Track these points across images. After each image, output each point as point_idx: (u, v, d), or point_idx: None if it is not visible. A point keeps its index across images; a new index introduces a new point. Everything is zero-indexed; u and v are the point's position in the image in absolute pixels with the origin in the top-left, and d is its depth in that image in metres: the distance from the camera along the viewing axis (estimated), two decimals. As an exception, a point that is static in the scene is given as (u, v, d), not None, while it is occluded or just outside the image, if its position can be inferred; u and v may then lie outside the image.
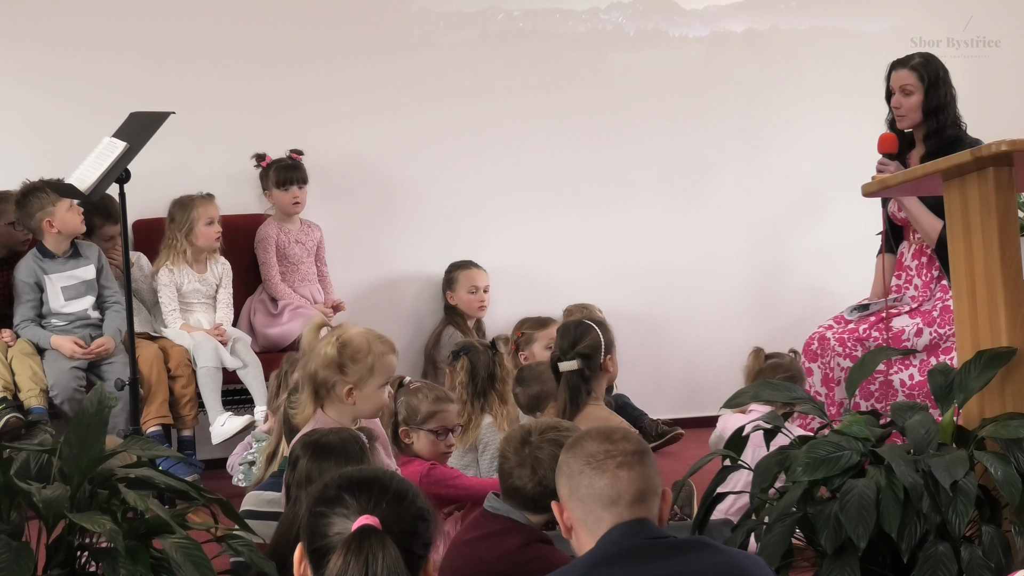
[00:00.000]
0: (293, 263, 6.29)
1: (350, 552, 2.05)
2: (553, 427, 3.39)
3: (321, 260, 6.41)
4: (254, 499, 3.76)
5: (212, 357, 5.77)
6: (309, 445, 3.26)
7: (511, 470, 3.33)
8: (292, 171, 6.24)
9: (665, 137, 6.93)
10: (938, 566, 3.22)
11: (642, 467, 2.57)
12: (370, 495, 2.15)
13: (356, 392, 3.77)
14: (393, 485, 2.18)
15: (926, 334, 5.12)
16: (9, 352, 5.59)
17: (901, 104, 5.24)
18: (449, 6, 6.71)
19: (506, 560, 3.24)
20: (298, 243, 6.30)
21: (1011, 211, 3.66)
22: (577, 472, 2.58)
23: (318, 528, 2.14)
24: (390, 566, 2.05)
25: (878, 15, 7.18)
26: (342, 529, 2.11)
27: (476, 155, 6.71)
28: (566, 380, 4.44)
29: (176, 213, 5.97)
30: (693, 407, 6.66)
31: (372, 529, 2.08)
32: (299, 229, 6.33)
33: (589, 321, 4.59)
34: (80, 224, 5.66)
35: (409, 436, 4.19)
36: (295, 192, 6.23)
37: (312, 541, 2.15)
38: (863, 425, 3.52)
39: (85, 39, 6.21)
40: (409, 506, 2.16)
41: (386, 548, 2.06)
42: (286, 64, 6.45)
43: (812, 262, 7.09)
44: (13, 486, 2.75)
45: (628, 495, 2.54)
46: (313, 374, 3.77)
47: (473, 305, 6.48)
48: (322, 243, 6.41)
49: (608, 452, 2.57)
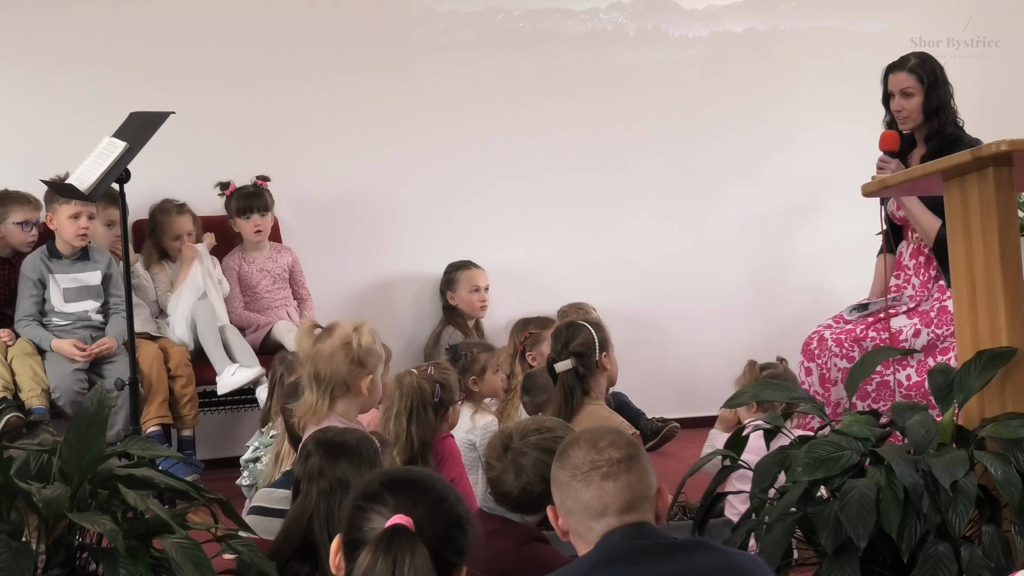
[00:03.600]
0: (257, 293, 6.19)
1: (379, 549, 2.07)
2: (535, 429, 3.38)
3: (297, 283, 6.32)
4: (265, 496, 3.75)
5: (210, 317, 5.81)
6: (323, 442, 3.26)
7: (496, 477, 3.34)
8: (252, 199, 6.13)
9: (665, 137, 6.94)
10: (938, 566, 3.22)
11: (628, 475, 2.54)
12: (409, 495, 2.16)
13: (371, 383, 3.83)
14: (434, 489, 2.19)
15: (924, 335, 5.12)
16: (9, 352, 5.59)
17: (903, 107, 5.22)
18: (449, 6, 6.71)
19: (504, 559, 3.24)
20: (263, 271, 6.20)
21: (1011, 211, 3.66)
22: (565, 484, 2.57)
23: (356, 521, 2.17)
24: (418, 568, 2.05)
25: (878, 15, 7.18)
26: (377, 525, 2.12)
27: (476, 155, 6.71)
28: (562, 380, 4.48)
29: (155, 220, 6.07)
30: (692, 407, 6.66)
31: (404, 529, 2.09)
32: (266, 256, 6.22)
33: (582, 321, 4.64)
34: (75, 238, 5.65)
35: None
36: (256, 220, 6.12)
37: (349, 532, 2.17)
38: (863, 425, 3.52)
39: (85, 39, 6.21)
40: (448, 511, 2.17)
41: (416, 550, 2.06)
42: (286, 63, 6.45)
43: (812, 262, 7.09)
44: (13, 486, 2.75)
45: (615, 506, 2.52)
46: (332, 374, 3.78)
47: (475, 305, 6.48)
48: (296, 266, 6.31)
49: (593, 463, 2.54)
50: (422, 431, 4.22)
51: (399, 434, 4.18)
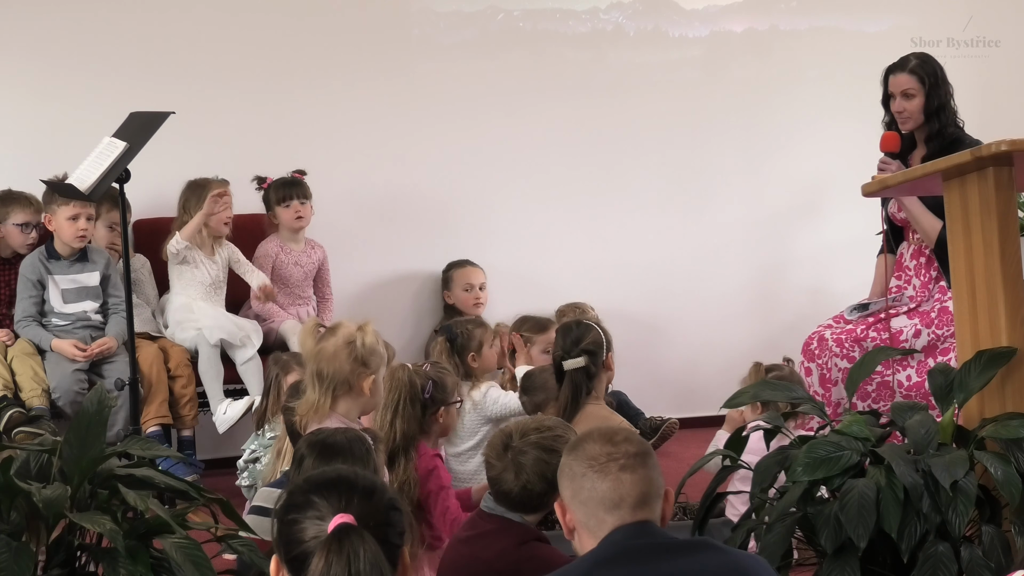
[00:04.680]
0: (287, 284, 6.19)
1: (331, 552, 2.05)
2: (535, 428, 3.39)
3: (323, 281, 6.34)
4: (265, 495, 3.75)
5: (211, 352, 5.77)
6: (315, 444, 3.26)
7: (496, 476, 3.34)
8: (292, 187, 6.15)
9: (665, 137, 6.93)
10: (938, 566, 3.22)
11: (645, 469, 2.56)
12: (340, 494, 2.14)
13: (374, 384, 3.82)
14: (360, 481, 2.18)
15: (924, 335, 5.11)
16: (9, 352, 5.59)
17: (904, 108, 5.22)
18: (449, 6, 6.71)
19: (504, 559, 3.24)
20: (296, 265, 6.21)
21: (1011, 211, 3.66)
22: (579, 475, 2.56)
23: (292, 536, 2.13)
24: (371, 560, 2.05)
25: (878, 15, 7.18)
26: (318, 532, 2.10)
27: (475, 154, 6.71)
28: (570, 378, 4.44)
29: (190, 196, 5.94)
30: (692, 407, 6.65)
31: (349, 527, 2.08)
32: (301, 249, 6.25)
33: (588, 321, 4.63)
34: (74, 239, 5.64)
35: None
36: (296, 207, 6.14)
37: (289, 550, 2.13)
38: (863, 425, 3.52)
39: (85, 39, 6.21)
40: (380, 498, 2.16)
41: (366, 543, 2.06)
42: (286, 63, 6.45)
43: (812, 262, 7.09)
44: (13, 486, 2.75)
45: (631, 498, 2.52)
46: (335, 373, 3.78)
47: (468, 303, 6.47)
48: (325, 264, 6.32)
49: (611, 455, 2.55)
50: (406, 425, 4.15)
51: (383, 427, 4.11)
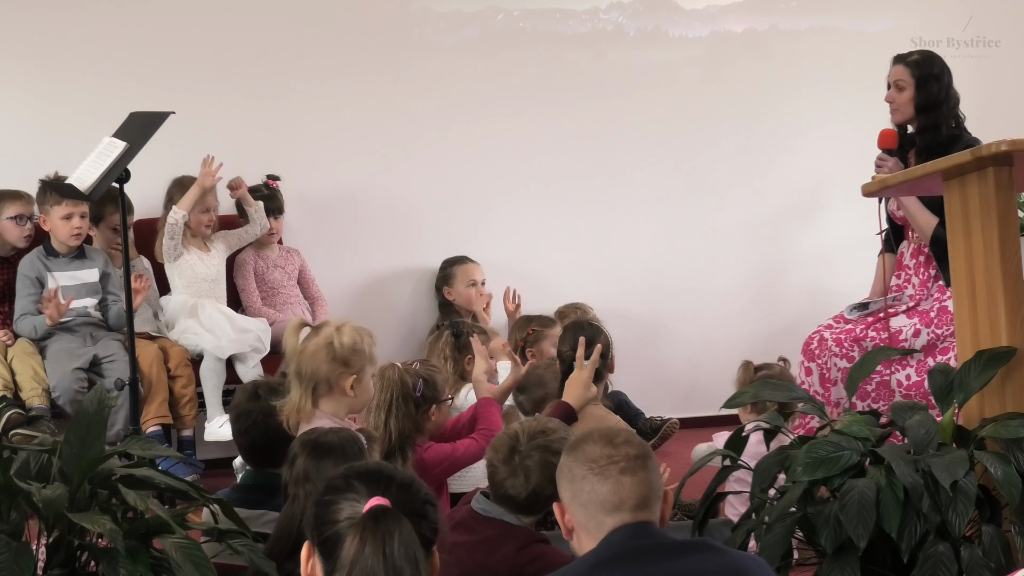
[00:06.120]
0: (274, 287, 6.23)
1: (366, 531, 2.04)
2: (540, 431, 3.38)
3: (308, 283, 6.37)
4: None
5: (215, 364, 5.77)
6: (308, 444, 3.26)
7: (502, 480, 3.33)
8: (266, 203, 6.18)
9: (665, 137, 6.93)
10: (938, 566, 3.21)
11: (645, 472, 2.55)
12: (378, 482, 2.15)
13: (357, 384, 3.79)
14: (398, 473, 2.20)
15: (924, 335, 5.12)
16: (9, 352, 5.59)
17: (893, 99, 5.29)
18: (449, 6, 6.71)
19: (506, 564, 3.24)
20: (276, 267, 6.26)
21: (1011, 211, 3.65)
22: (579, 477, 2.56)
23: (326, 516, 2.13)
24: (406, 544, 2.03)
25: (878, 15, 7.18)
26: (352, 513, 2.10)
27: (475, 154, 6.71)
28: None
29: (176, 192, 5.96)
30: (692, 407, 6.65)
31: (386, 508, 2.08)
32: (278, 255, 6.29)
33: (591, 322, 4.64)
34: (70, 238, 5.65)
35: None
36: (270, 224, 6.19)
37: (321, 531, 2.13)
38: (863, 425, 3.52)
39: (85, 39, 6.21)
40: (417, 490, 2.17)
41: (401, 526, 2.05)
42: (286, 63, 6.45)
43: (812, 262, 7.09)
44: (13, 486, 2.75)
45: (631, 501, 2.52)
46: (313, 372, 3.77)
47: (472, 299, 6.47)
48: (305, 267, 6.38)
49: (611, 457, 2.55)
50: (401, 425, 4.15)
51: (377, 428, 4.11)
